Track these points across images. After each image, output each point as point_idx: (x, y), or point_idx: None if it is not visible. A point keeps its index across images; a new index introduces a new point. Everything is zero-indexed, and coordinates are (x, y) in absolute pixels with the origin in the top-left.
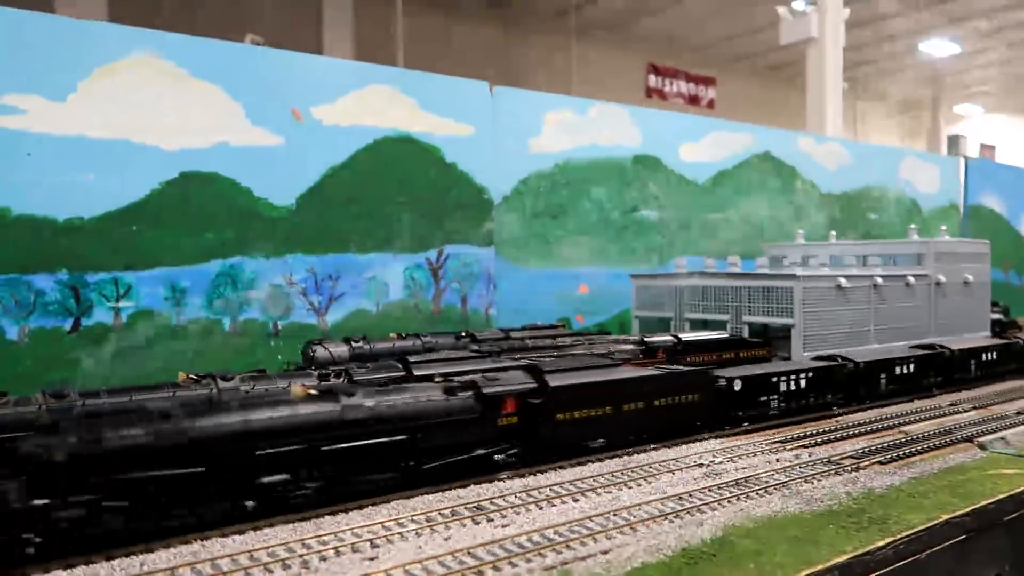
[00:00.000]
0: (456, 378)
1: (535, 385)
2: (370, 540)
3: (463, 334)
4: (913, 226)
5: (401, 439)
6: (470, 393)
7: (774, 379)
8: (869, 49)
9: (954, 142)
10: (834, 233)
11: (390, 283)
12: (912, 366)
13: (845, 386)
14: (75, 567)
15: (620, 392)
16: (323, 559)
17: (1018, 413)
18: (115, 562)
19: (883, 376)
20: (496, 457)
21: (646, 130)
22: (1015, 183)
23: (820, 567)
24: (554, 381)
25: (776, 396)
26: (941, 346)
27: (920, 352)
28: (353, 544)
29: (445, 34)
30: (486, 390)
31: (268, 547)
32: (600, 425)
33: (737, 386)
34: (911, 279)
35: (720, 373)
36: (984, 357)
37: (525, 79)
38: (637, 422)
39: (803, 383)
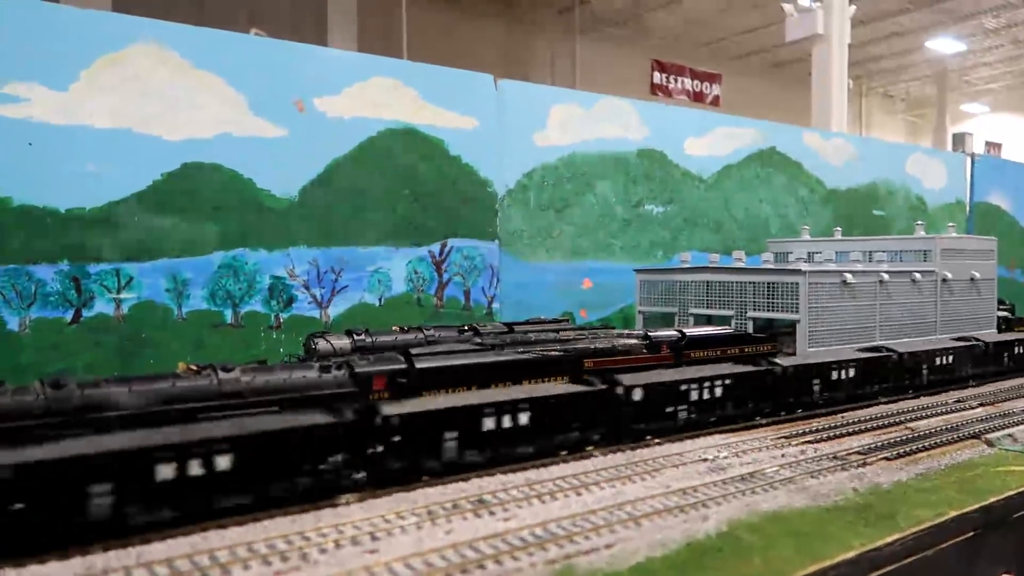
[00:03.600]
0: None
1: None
2: (370, 533)
3: (466, 328)
4: (920, 222)
5: None
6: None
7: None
8: (875, 46)
9: (959, 140)
10: (839, 229)
11: (393, 276)
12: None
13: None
14: (70, 557)
15: None
16: (323, 551)
17: None
18: (111, 553)
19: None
20: None
21: (652, 124)
22: (1022, 180)
23: (828, 563)
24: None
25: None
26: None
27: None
28: (353, 537)
29: (449, 30)
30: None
31: (267, 539)
32: None
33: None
34: (917, 275)
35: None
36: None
37: (529, 75)
38: None
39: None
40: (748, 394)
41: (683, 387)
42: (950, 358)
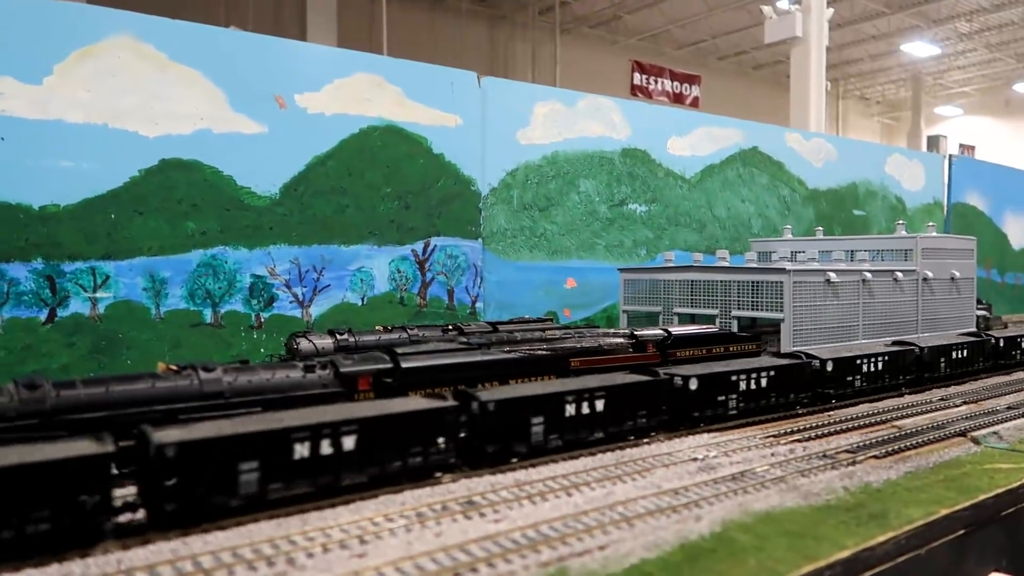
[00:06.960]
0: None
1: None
2: (359, 536)
3: (450, 327)
4: (901, 222)
5: None
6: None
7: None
8: (852, 49)
9: (934, 142)
10: (821, 228)
11: (376, 275)
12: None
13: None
14: (47, 565)
15: None
16: (310, 556)
17: (1009, 408)
18: (90, 559)
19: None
20: None
21: (635, 124)
22: (997, 181)
23: (823, 563)
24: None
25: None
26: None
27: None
28: (341, 540)
29: (429, 30)
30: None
31: (252, 543)
32: None
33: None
34: (899, 275)
35: None
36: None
37: (510, 75)
38: None
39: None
40: (639, 408)
41: (550, 402)
42: (879, 365)
